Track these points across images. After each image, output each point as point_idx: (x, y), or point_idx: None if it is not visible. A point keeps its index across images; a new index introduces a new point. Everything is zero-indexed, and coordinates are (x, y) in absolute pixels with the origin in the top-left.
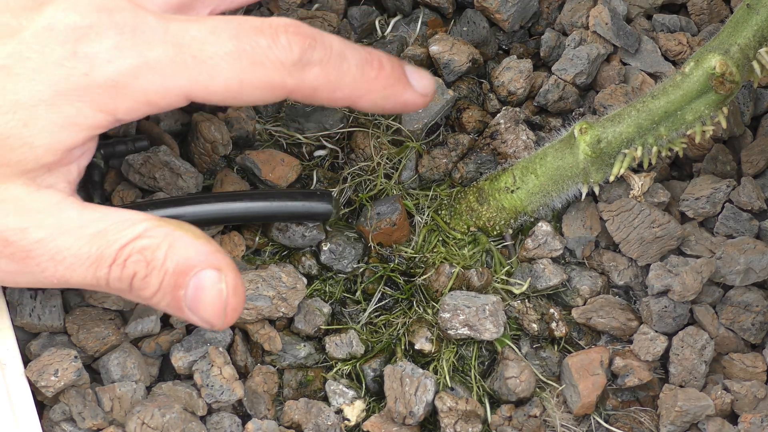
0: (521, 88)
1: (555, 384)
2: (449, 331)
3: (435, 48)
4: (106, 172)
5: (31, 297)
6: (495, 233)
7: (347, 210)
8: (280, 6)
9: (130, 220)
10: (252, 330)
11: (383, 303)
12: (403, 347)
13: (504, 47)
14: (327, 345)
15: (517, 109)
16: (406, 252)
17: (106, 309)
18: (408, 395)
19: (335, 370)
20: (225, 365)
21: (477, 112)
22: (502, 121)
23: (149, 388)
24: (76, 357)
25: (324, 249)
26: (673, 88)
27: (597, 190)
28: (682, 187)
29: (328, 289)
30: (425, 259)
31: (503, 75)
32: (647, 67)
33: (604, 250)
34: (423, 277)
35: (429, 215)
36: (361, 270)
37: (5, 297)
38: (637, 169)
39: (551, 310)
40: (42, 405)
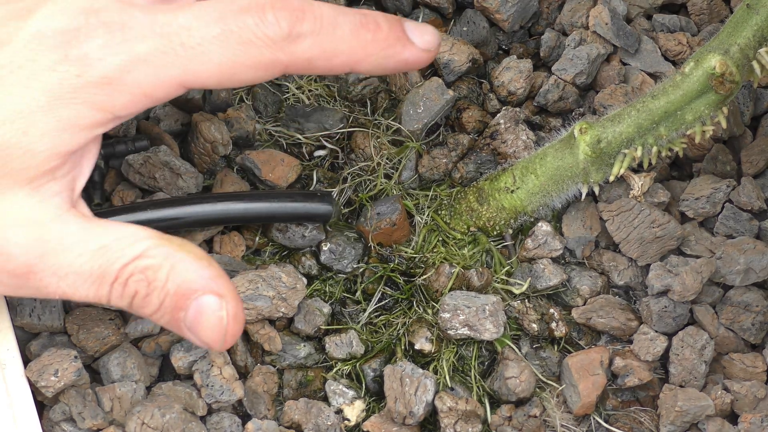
0: (521, 88)
1: (555, 384)
2: (449, 331)
3: None
4: (106, 172)
5: (32, 297)
6: (495, 233)
7: (347, 210)
8: None
9: (132, 236)
10: (252, 330)
11: (383, 303)
12: (403, 347)
13: (504, 47)
14: (327, 345)
15: (517, 109)
16: (406, 252)
17: (106, 309)
18: (408, 395)
19: (335, 370)
20: (225, 365)
21: (477, 112)
22: (502, 121)
23: (149, 388)
24: (76, 357)
25: (324, 249)
26: (673, 88)
27: (597, 190)
28: (682, 187)
29: (328, 289)
30: (425, 259)
31: (503, 75)
32: (647, 67)
33: (604, 250)
34: (423, 277)
35: (429, 215)
36: (361, 270)
37: (5, 297)
38: (637, 169)
39: (551, 310)
40: (42, 405)
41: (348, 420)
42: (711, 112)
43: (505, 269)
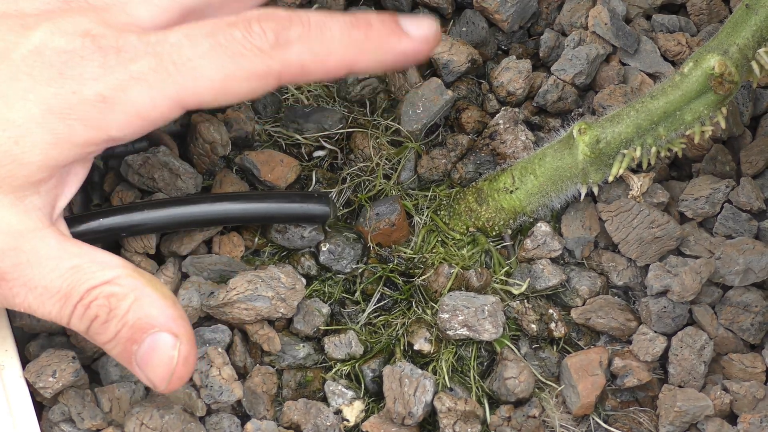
0: (520, 88)
1: (554, 384)
2: (448, 332)
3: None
4: (105, 172)
5: None
6: (494, 234)
7: (346, 211)
8: (279, 6)
9: (105, 263)
10: (251, 330)
11: (382, 303)
12: (402, 348)
13: (503, 47)
14: (326, 345)
15: (516, 110)
16: (405, 252)
17: None
18: (407, 396)
19: (334, 370)
20: (224, 366)
21: (476, 112)
22: (501, 122)
23: (148, 388)
24: (74, 358)
25: (323, 249)
26: (672, 88)
27: (596, 190)
28: (681, 188)
29: (327, 290)
30: (424, 260)
31: (502, 75)
32: (646, 68)
33: (603, 250)
34: (422, 278)
35: (428, 216)
36: (360, 270)
37: None
38: (636, 170)
39: (550, 310)
40: (41, 406)
41: (347, 420)
42: (710, 112)
43: (504, 270)
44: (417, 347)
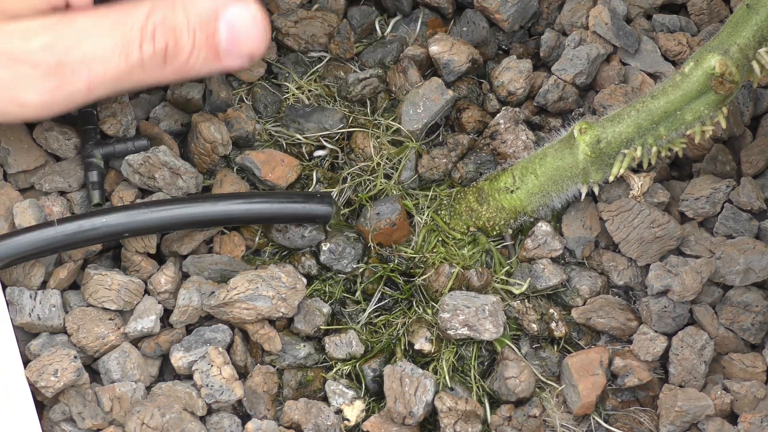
0: (521, 88)
1: (555, 384)
2: (449, 331)
3: (435, 48)
4: (105, 172)
5: (31, 297)
6: (495, 233)
7: (347, 210)
8: (279, 6)
9: (133, 2)
10: (252, 330)
11: (383, 303)
12: (403, 347)
13: (504, 47)
14: (327, 345)
15: (517, 110)
16: (405, 252)
17: (105, 309)
18: (408, 395)
19: (335, 370)
20: (225, 365)
21: (477, 112)
22: (501, 121)
23: (149, 388)
24: (75, 357)
25: (324, 249)
26: (673, 88)
27: (597, 190)
28: (681, 187)
29: (327, 290)
30: (425, 260)
31: (503, 75)
32: (647, 67)
33: (603, 250)
34: (423, 278)
35: (429, 215)
36: (361, 270)
37: (5, 297)
38: (637, 169)
39: (551, 310)
40: (42, 405)
41: (348, 420)
42: (711, 112)
43: (505, 269)
44: (418, 347)
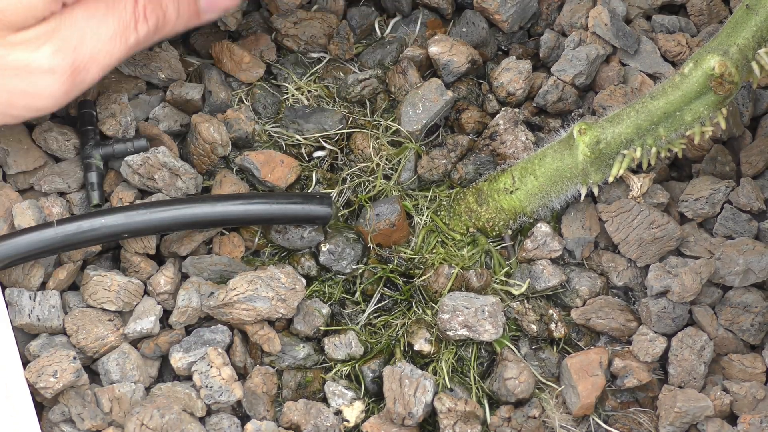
0: (520, 89)
1: (554, 385)
2: (448, 332)
3: (434, 49)
4: (105, 173)
5: (31, 298)
6: (494, 234)
7: (346, 211)
8: (279, 6)
9: None
10: (251, 331)
11: (382, 304)
12: (402, 348)
13: (503, 48)
14: (326, 346)
15: (517, 110)
16: (405, 253)
17: (105, 310)
18: (407, 396)
19: (334, 371)
20: (224, 366)
21: (476, 113)
22: (501, 122)
23: (148, 389)
24: (75, 358)
25: (323, 250)
26: (672, 88)
27: (596, 191)
28: (681, 188)
29: (327, 290)
30: (424, 260)
31: (502, 76)
32: (646, 68)
33: (603, 250)
34: (422, 278)
35: (428, 216)
36: (360, 271)
37: (4, 298)
38: (637, 170)
39: (550, 311)
40: (41, 406)
41: (347, 421)
42: (710, 112)
43: (505, 270)
44: (417, 348)
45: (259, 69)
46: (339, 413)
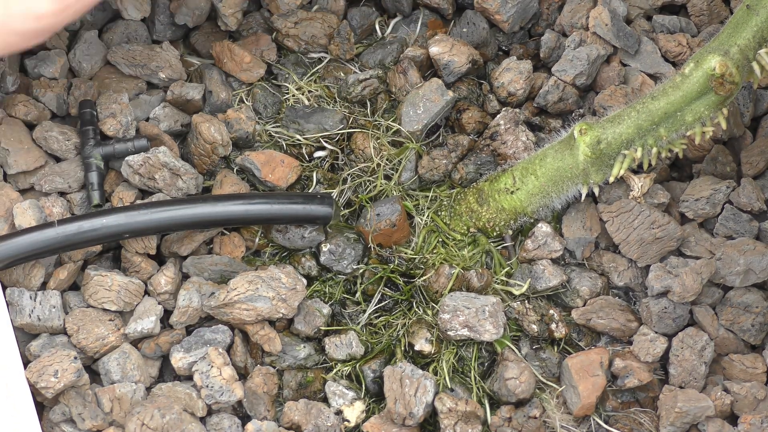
0: (521, 89)
1: (555, 385)
2: (449, 332)
3: (435, 49)
4: (105, 173)
5: (31, 298)
6: (495, 234)
7: (347, 211)
8: (279, 6)
9: None
10: (252, 331)
11: (383, 304)
12: (403, 348)
13: (504, 48)
14: (327, 346)
15: (517, 110)
16: (405, 253)
17: (105, 310)
18: (408, 396)
19: (335, 371)
20: (225, 366)
21: (477, 113)
22: (501, 122)
23: (149, 389)
24: (75, 358)
25: (324, 250)
26: (673, 89)
27: (597, 191)
28: (681, 188)
29: (327, 290)
30: (425, 260)
31: (503, 76)
32: (647, 68)
33: (603, 251)
34: (423, 278)
35: (429, 216)
36: (361, 271)
37: (5, 298)
38: (637, 170)
39: (551, 311)
40: (42, 406)
41: (348, 421)
42: (711, 113)
43: (505, 270)
44: (418, 348)
45: (260, 69)
46: (340, 413)
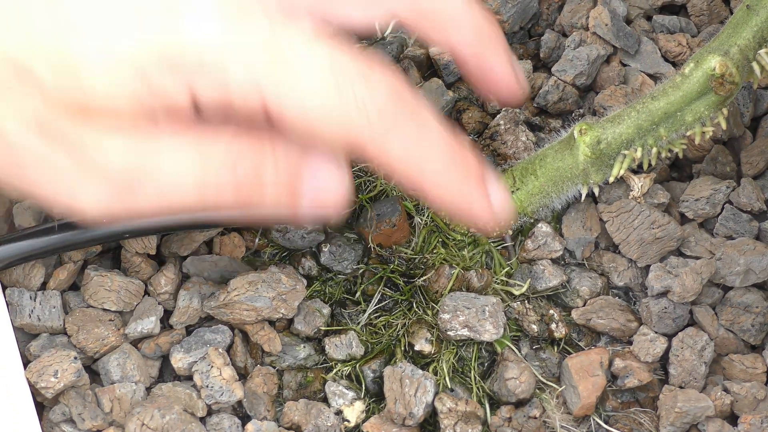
0: None
1: (555, 385)
2: (449, 332)
3: (435, 49)
4: None
5: (31, 298)
6: (495, 234)
7: (347, 211)
8: None
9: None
10: (252, 331)
11: (383, 304)
12: (403, 348)
13: None
14: (327, 346)
15: (517, 110)
16: (405, 253)
17: (105, 310)
18: (408, 396)
19: (335, 371)
20: (225, 366)
21: (477, 113)
22: (501, 122)
23: (149, 389)
24: (75, 358)
25: (324, 250)
26: (673, 89)
27: (597, 191)
28: (681, 188)
29: (327, 291)
30: (425, 261)
31: None
32: (647, 68)
33: (603, 251)
34: (423, 279)
35: (429, 216)
36: (361, 271)
37: (5, 298)
38: (637, 170)
39: (551, 311)
40: (42, 406)
41: (348, 421)
42: (711, 113)
43: (505, 270)
44: (418, 348)
45: None
46: (340, 413)
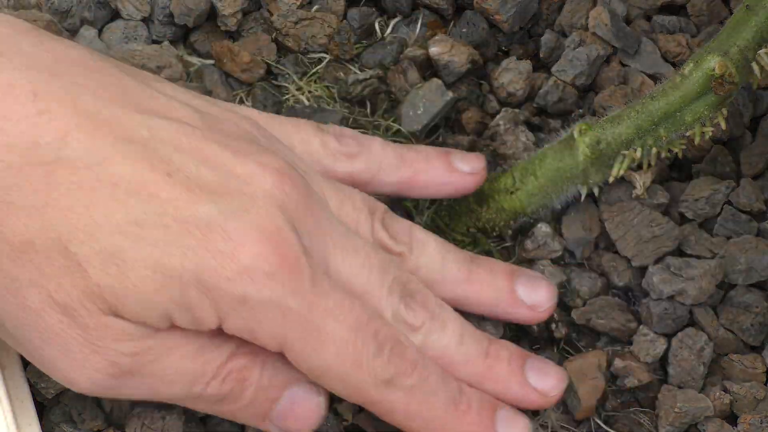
0: (521, 89)
1: None
2: None
3: (434, 49)
4: None
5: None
6: (495, 234)
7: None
8: (279, 6)
9: (219, 340)
10: None
11: None
12: None
13: (503, 48)
14: None
15: (517, 111)
16: None
17: None
18: None
19: None
20: None
21: (476, 113)
22: (501, 123)
23: None
24: None
25: None
26: (673, 89)
27: (596, 191)
28: (681, 189)
29: None
30: None
31: (503, 76)
32: (647, 69)
33: (603, 251)
34: None
35: (429, 216)
36: None
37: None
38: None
39: None
40: (42, 406)
41: (346, 421)
42: (710, 113)
43: None
44: None
45: (260, 69)
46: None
